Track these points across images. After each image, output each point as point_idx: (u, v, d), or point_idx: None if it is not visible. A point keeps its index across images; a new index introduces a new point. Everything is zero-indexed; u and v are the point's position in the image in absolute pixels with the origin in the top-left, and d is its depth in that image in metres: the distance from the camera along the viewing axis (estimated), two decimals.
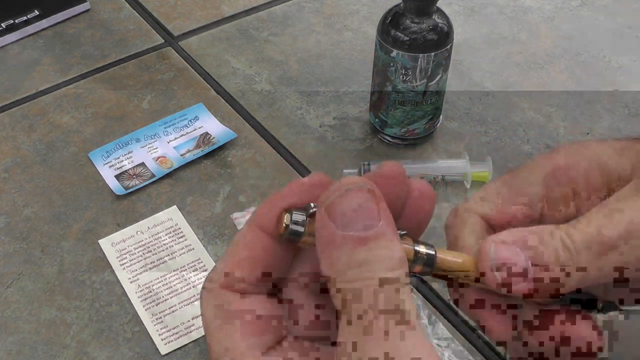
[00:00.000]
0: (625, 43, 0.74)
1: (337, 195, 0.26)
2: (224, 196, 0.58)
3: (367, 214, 0.25)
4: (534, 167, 0.33)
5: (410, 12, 0.54)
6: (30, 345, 0.48)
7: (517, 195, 0.33)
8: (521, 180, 0.33)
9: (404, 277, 0.26)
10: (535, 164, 0.33)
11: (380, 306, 0.24)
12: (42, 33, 0.77)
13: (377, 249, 0.25)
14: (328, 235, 0.25)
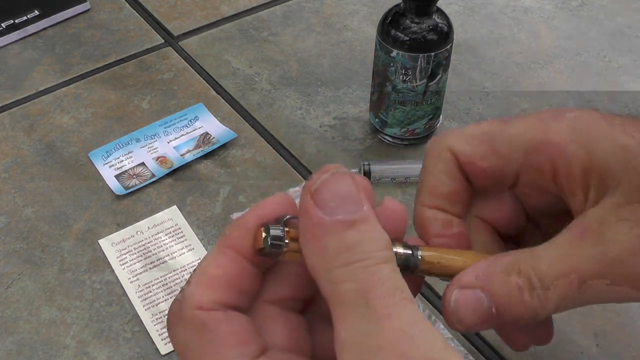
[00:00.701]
0: (625, 43, 0.74)
1: (321, 182, 0.25)
2: (224, 196, 0.58)
3: (351, 198, 0.25)
4: (525, 128, 0.31)
5: (410, 12, 0.54)
6: (30, 345, 0.48)
7: (495, 152, 0.32)
8: (504, 139, 0.32)
9: (394, 258, 0.26)
10: (527, 125, 0.31)
11: (383, 284, 0.24)
12: (42, 33, 0.77)
13: (366, 231, 0.25)
14: (316, 223, 0.25)
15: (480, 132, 0.32)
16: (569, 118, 0.30)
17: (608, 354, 0.46)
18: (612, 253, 0.28)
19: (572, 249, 0.29)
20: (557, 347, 0.46)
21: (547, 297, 0.29)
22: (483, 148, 0.32)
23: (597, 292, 0.29)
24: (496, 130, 0.32)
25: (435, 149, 0.33)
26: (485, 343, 0.47)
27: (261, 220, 0.28)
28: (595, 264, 0.28)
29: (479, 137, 0.32)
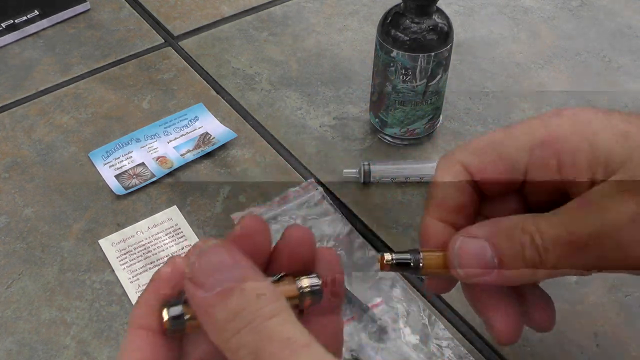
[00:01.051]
0: (625, 43, 0.74)
1: (192, 264, 0.26)
2: (224, 196, 0.58)
3: (225, 267, 0.26)
4: (527, 130, 0.33)
5: (410, 12, 0.54)
6: (30, 345, 0.48)
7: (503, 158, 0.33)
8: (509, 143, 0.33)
9: (285, 307, 0.25)
10: (528, 127, 0.33)
11: (272, 340, 0.24)
12: (42, 33, 0.77)
13: (248, 293, 0.25)
14: (200, 303, 0.26)
15: (486, 143, 0.34)
16: (567, 115, 0.32)
17: (608, 354, 0.46)
18: (612, 220, 0.29)
19: (574, 216, 0.30)
20: (557, 347, 0.46)
21: (547, 256, 0.30)
22: (491, 156, 0.33)
23: (594, 257, 0.30)
24: (500, 137, 0.33)
25: (446, 163, 0.35)
26: (485, 343, 0.47)
27: (160, 296, 0.28)
28: (594, 229, 0.29)
29: (486, 147, 0.34)
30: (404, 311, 0.48)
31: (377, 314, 0.47)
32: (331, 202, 0.56)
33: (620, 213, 0.29)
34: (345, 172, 0.59)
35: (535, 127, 0.32)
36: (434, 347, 0.46)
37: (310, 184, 0.58)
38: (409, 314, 0.48)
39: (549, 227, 0.30)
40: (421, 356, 0.45)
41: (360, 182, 0.58)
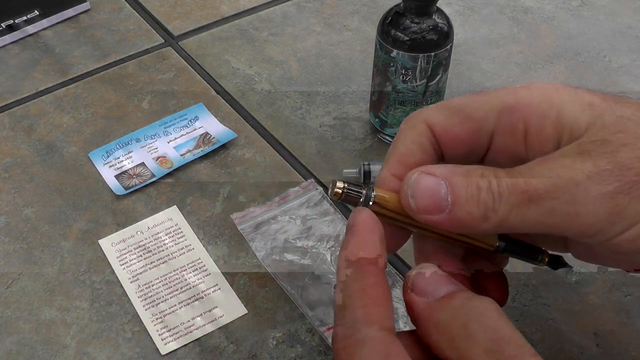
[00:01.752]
0: (625, 43, 0.74)
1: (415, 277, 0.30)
2: (224, 196, 0.58)
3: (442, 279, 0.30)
4: (496, 95, 0.34)
5: (410, 12, 0.54)
6: (30, 345, 0.48)
7: (470, 118, 0.34)
8: (478, 105, 0.34)
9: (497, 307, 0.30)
10: (497, 93, 0.34)
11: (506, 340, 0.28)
12: (42, 33, 0.77)
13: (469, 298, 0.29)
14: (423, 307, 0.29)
15: (455, 103, 0.34)
16: (536, 86, 0.33)
17: (608, 354, 0.46)
18: (569, 176, 0.30)
19: (532, 169, 0.31)
20: (557, 347, 0.46)
21: (501, 203, 0.31)
22: (458, 116, 0.34)
23: (546, 211, 0.30)
24: (468, 100, 0.34)
25: (411, 120, 0.35)
26: None
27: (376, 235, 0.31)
28: (551, 183, 0.30)
29: (454, 107, 0.34)
30: (404, 311, 0.48)
31: None
32: (331, 202, 0.56)
33: (577, 170, 0.29)
34: (345, 172, 0.59)
35: (505, 94, 0.33)
36: None
37: (310, 184, 0.58)
38: None
39: (506, 175, 0.31)
40: None
41: (360, 182, 0.58)
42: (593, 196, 0.29)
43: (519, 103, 0.32)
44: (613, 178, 0.29)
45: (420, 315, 0.29)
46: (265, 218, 0.55)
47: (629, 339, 0.47)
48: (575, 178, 0.29)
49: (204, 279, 0.52)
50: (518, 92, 0.33)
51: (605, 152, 0.30)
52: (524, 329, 0.47)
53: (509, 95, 0.33)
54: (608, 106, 0.31)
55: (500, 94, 0.33)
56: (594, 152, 0.30)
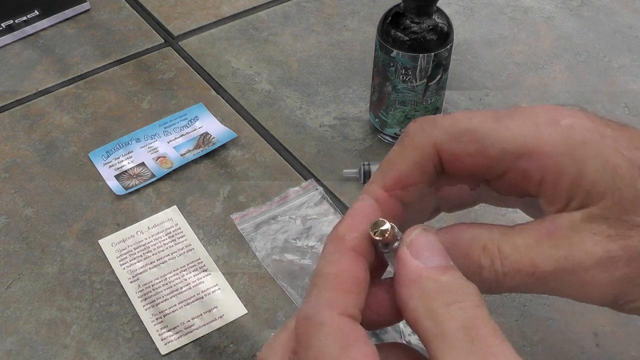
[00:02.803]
0: (625, 43, 0.74)
1: (415, 234, 0.29)
2: (224, 196, 0.58)
3: (440, 251, 0.28)
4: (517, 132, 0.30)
5: (410, 12, 0.54)
6: (30, 345, 0.48)
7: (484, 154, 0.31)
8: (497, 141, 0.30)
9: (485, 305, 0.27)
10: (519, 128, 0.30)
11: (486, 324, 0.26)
12: (42, 33, 0.77)
13: (457, 278, 0.28)
14: (414, 269, 0.28)
15: (471, 129, 0.31)
16: (564, 127, 0.30)
17: (608, 354, 0.46)
18: (578, 260, 0.29)
19: (538, 246, 0.29)
20: (557, 347, 0.46)
21: (505, 281, 0.30)
22: (472, 147, 0.31)
23: (552, 289, 0.30)
24: (487, 129, 0.31)
25: (418, 138, 0.32)
26: None
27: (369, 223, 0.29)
28: (558, 266, 0.29)
29: (469, 135, 0.31)
30: None
31: None
32: (331, 202, 0.56)
33: (587, 254, 0.28)
34: (345, 172, 0.59)
35: (527, 133, 0.30)
36: None
37: (310, 184, 0.58)
38: None
39: (511, 253, 0.29)
40: None
41: (360, 182, 0.58)
42: (601, 283, 0.29)
43: (540, 151, 0.30)
44: (622, 264, 0.28)
45: (408, 275, 0.28)
46: (265, 218, 0.55)
47: (629, 339, 0.47)
48: (584, 264, 0.28)
49: (204, 279, 0.52)
50: (542, 134, 0.30)
51: (617, 234, 0.28)
52: (524, 329, 0.47)
53: (530, 136, 0.30)
54: (631, 177, 0.29)
55: (522, 130, 0.30)
56: (606, 232, 0.28)
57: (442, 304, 0.26)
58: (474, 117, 0.31)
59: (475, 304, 0.26)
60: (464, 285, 0.27)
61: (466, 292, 0.27)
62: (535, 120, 0.30)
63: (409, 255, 0.28)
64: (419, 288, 0.27)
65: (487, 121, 0.31)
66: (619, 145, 0.29)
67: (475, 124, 0.31)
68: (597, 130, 0.30)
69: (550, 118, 0.30)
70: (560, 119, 0.30)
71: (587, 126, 0.30)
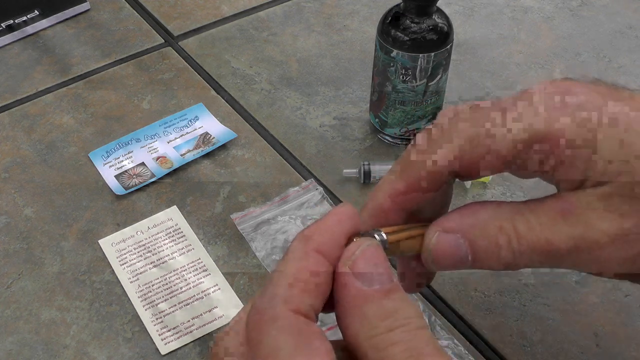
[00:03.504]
0: (625, 43, 0.74)
1: (359, 253, 0.28)
2: (224, 196, 0.58)
3: (384, 269, 0.28)
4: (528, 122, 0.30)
5: (410, 12, 0.54)
6: (30, 345, 0.48)
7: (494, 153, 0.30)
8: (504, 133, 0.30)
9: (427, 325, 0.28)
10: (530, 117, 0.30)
11: (429, 344, 0.26)
12: (42, 33, 0.77)
13: (400, 300, 0.27)
14: (355, 293, 0.27)
15: (479, 131, 0.31)
16: (572, 108, 0.30)
17: (608, 354, 0.46)
18: (593, 238, 0.29)
19: (553, 224, 0.29)
20: (557, 347, 0.46)
21: (521, 259, 0.30)
22: (483, 149, 0.31)
23: (568, 265, 0.30)
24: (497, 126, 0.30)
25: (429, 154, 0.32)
26: (485, 343, 0.47)
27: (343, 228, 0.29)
28: (574, 244, 0.29)
29: (479, 136, 0.31)
30: None
31: None
32: (331, 202, 0.56)
33: (602, 232, 0.29)
34: (345, 172, 0.59)
35: (536, 120, 0.30)
36: None
37: (310, 184, 0.58)
38: None
39: (527, 231, 0.30)
40: None
41: (360, 182, 0.58)
42: (616, 260, 0.29)
43: (552, 135, 0.29)
44: (637, 241, 0.29)
45: (349, 300, 0.27)
46: (265, 218, 0.55)
47: (629, 339, 0.47)
48: (599, 242, 0.29)
49: (204, 279, 0.52)
50: (553, 119, 0.29)
51: (632, 211, 0.28)
52: (524, 329, 0.47)
53: (541, 122, 0.30)
54: None
55: (532, 118, 0.30)
56: (621, 210, 0.29)
57: (384, 330, 0.26)
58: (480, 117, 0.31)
59: (417, 326, 0.26)
60: (406, 307, 0.27)
61: (408, 315, 0.27)
62: (544, 105, 0.30)
63: (350, 278, 0.27)
64: (361, 314, 0.27)
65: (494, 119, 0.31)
66: (631, 121, 0.29)
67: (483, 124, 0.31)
68: (606, 107, 0.29)
69: (559, 100, 0.30)
70: (568, 99, 0.30)
71: (597, 103, 0.30)
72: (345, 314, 0.27)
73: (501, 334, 0.47)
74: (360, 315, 0.27)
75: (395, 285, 0.27)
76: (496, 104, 0.31)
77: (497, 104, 0.31)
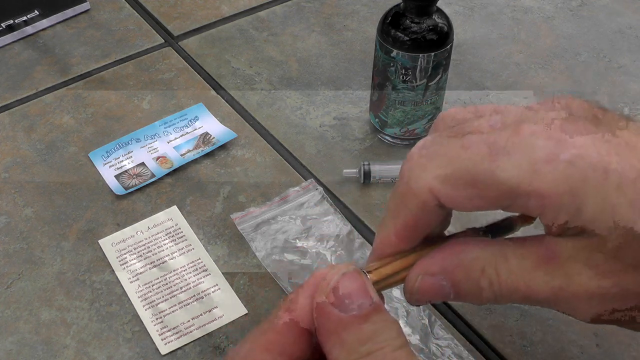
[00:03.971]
0: (625, 43, 0.74)
1: (335, 282, 0.28)
2: (224, 196, 0.58)
3: (362, 293, 0.28)
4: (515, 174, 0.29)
5: (410, 12, 0.54)
6: (30, 345, 0.48)
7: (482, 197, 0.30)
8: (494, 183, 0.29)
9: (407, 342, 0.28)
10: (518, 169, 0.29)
11: None
12: (42, 33, 0.77)
13: (379, 322, 0.28)
14: (334, 320, 0.28)
15: (465, 171, 0.30)
16: (563, 163, 0.28)
17: (608, 354, 0.46)
18: (572, 291, 0.29)
19: (534, 271, 0.30)
20: (557, 347, 0.46)
21: (502, 299, 0.31)
22: (468, 191, 0.30)
23: (544, 306, 0.31)
24: (482, 172, 0.30)
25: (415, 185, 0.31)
26: (485, 343, 0.47)
27: None
28: (551, 292, 0.30)
29: (464, 177, 0.30)
30: (404, 311, 0.48)
31: None
32: (331, 202, 0.56)
33: (581, 286, 0.29)
34: (345, 172, 0.59)
35: (524, 173, 0.29)
36: (434, 347, 0.46)
37: (310, 184, 0.58)
38: (409, 314, 0.48)
39: (508, 276, 0.30)
40: (421, 356, 0.45)
41: (360, 182, 0.58)
42: (592, 312, 0.30)
43: (538, 192, 0.29)
44: (615, 300, 0.29)
45: (328, 327, 0.28)
46: (265, 218, 0.55)
47: (629, 339, 0.47)
48: (577, 295, 0.29)
49: (204, 279, 0.52)
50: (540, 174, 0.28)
51: (612, 271, 0.29)
52: (524, 329, 0.47)
53: (529, 177, 0.29)
54: (630, 218, 0.28)
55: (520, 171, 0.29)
56: (601, 268, 0.29)
57: (364, 354, 0.27)
58: (467, 153, 0.30)
59: (396, 347, 0.27)
60: (386, 329, 0.28)
61: (388, 337, 0.27)
62: (533, 157, 0.29)
63: (328, 306, 0.28)
64: (339, 340, 0.27)
65: (482, 160, 0.29)
66: (623, 181, 0.28)
67: (468, 165, 0.30)
68: (601, 163, 0.28)
69: (550, 152, 0.29)
70: (560, 152, 0.28)
71: (591, 159, 0.28)
72: (325, 341, 0.28)
73: (501, 334, 0.47)
74: (339, 342, 0.27)
75: (374, 308, 0.28)
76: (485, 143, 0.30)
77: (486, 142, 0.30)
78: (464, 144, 0.30)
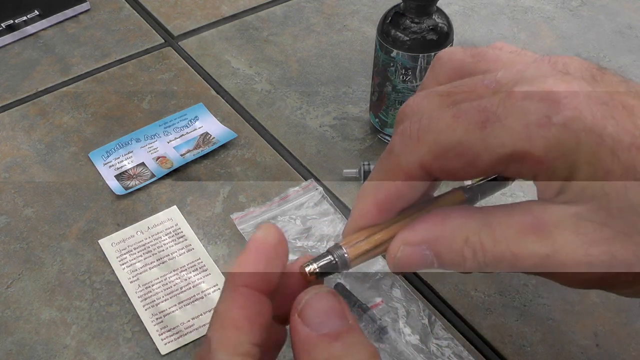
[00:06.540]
0: (625, 43, 0.74)
1: (305, 301, 0.29)
2: (224, 196, 0.58)
3: (335, 313, 0.28)
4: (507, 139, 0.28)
5: (410, 12, 0.54)
6: (30, 345, 0.48)
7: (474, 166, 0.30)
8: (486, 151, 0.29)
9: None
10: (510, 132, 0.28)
11: None
12: (42, 33, 0.77)
13: (350, 342, 0.28)
14: (304, 338, 0.28)
15: (457, 143, 0.29)
16: (556, 126, 0.28)
17: (608, 354, 0.46)
18: (559, 259, 0.29)
19: (520, 239, 0.29)
20: (557, 347, 0.46)
21: (486, 268, 0.30)
22: (462, 161, 0.30)
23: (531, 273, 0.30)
24: (474, 141, 0.29)
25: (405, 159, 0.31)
26: (485, 343, 0.47)
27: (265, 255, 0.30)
28: (537, 260, 0.29)
29: (456, 149, 0.29)
30: (404, 311, 0.48)
31: (377, 314, 0.47)
32: (331, 202, 0.56)
33: (568, 255, 0.28)
34: (345, 172, 0.59)
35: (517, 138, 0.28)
36: (434, 347, 0.46)
37: (310, 184, 0.58)
38: (409, 314, 0.48)
39: (493, 245, 0.29)
40: (421, 356, 0.45)
41: (360, 182, 0.58)
42: (580, 279, 0.29)
43: (531, 156, 0.28)
44: (603, 267, 0.28)
45: (299, 345, 0.28)
46: (265, 218, 0.55)
47: (629, 339, 0.47)
48: (565, 263, 0.29)
49: (204, 279, 0.52)
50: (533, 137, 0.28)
51: (600, 239, 0.28)
52: (524, 329, 0.47)
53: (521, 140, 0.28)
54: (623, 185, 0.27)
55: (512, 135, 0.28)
56: (590, 236, 0.28)
57: None
58: (458, 122, 0.29)
59: None
60: (357, 349, 0.27)
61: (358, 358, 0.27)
62: (525, 121, 0.28)
63: (299, 324, 0.28)
64: (309, 358, 0.27)
65: (473, 131, 0.29)
66: (617, 146, 0.27)
67: (460, 136, 0.29)
68: (596, 127, 0.28)
69: (543, 115, 0.28)
70: (553, 114, 0.28)
71: (585, 122, 0.28)
72: (297, 358, 0.28)
73: (501, 334, 0.47)
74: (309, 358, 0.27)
75: (347, 327, 0.28)
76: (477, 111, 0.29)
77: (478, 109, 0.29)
78: (455, 113, 0.30)
